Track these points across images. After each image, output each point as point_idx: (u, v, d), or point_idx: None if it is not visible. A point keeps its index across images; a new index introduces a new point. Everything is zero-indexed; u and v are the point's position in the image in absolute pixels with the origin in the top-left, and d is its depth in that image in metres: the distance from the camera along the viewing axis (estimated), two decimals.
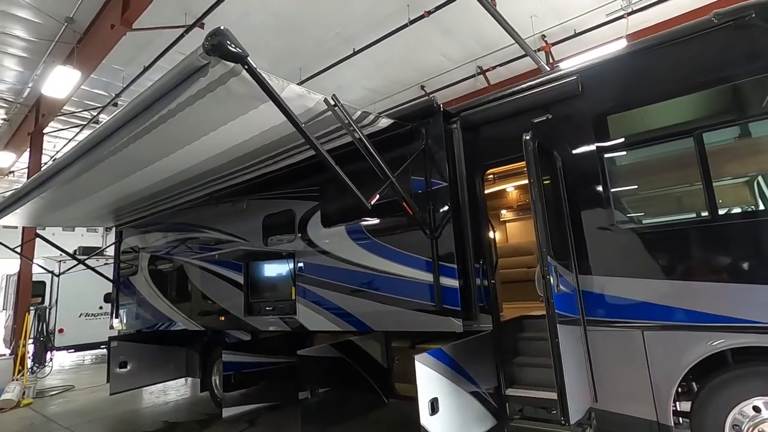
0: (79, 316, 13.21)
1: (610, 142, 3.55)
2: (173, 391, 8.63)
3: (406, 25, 8.23)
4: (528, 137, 3.25)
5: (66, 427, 6.68)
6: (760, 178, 3.21)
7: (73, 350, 13.50)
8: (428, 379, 3.10)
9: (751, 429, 2.88)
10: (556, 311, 2.99)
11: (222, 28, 2.40)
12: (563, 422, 2.89)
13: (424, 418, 2.98)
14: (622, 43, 7.57)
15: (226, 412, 5.23)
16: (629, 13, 8.01)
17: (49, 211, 6.22)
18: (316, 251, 5.02)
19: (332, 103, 3.34)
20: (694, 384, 3.29)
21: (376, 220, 4.51)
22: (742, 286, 2.94)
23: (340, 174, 3.32)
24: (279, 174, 5.35)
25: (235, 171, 5.08)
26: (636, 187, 3.76)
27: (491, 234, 4.32)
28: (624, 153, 3.64)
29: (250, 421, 5.94)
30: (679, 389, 3.16)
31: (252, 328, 5.84)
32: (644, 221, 3.63)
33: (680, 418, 3.33)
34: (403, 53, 9.56)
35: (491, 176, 6.84)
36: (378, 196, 3.61)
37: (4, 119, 12.21)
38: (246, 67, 2.55)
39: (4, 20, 7.95)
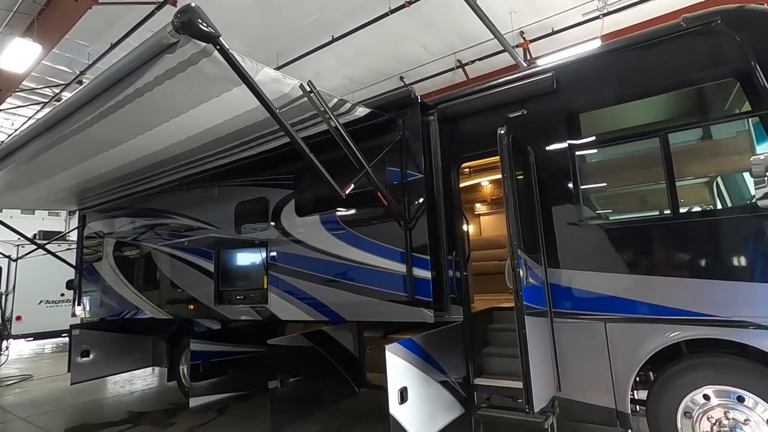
0: (39, 303, 12.64)
1: (581, 140, 3.63)
2: (139, 381, 8.41)
3: (386, 14, 8.15)
4: (503, 132, 3.29)
5: (23, 417, 6.41)
6: (719, 179, 3.37)
7: (32, 338, 12.92)
8: (398, 369, 3.13)
9: (701, 416, 3.05)
10: (524, 303, 3.06)
11: (193, 5, 2.31)
12: (527, 410, 2.98)
13: (394, 407, 3.01)
14: (597, 43, 7.75)
15: (194, 402, 5.13)
16: (605, 14, 8.20)
17: (6, 191, 5.89)
18: (289, 240, 4.96)
19: (308, 89, 3.27)
20: (651, 374, 3.45)
21: (350, 211, 4.49)
22: (698, 281, 3.08)
23: (314, 162, 3.27)
24: (252, 161, 5.22)
25: (206, 156, 4.94)
26: (604, 184, 3.88)
27: (465, 227, 4.37)
28: (594, 151, 3.74)
29: (219, 410, 5.86)
30: (637, 378, 3.32)
31: (222, 317, 5.73)
32: (610, 218, 3.76)
33: (637, 406, 3.49)
34: (382, 43, 9.48)
35: (467, 170, 6.90)
36: (353, 185, 3.58)
37: None
38: (218, 47, 2.46)
39: None
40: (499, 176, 3.20)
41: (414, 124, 4.18)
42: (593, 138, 3.62)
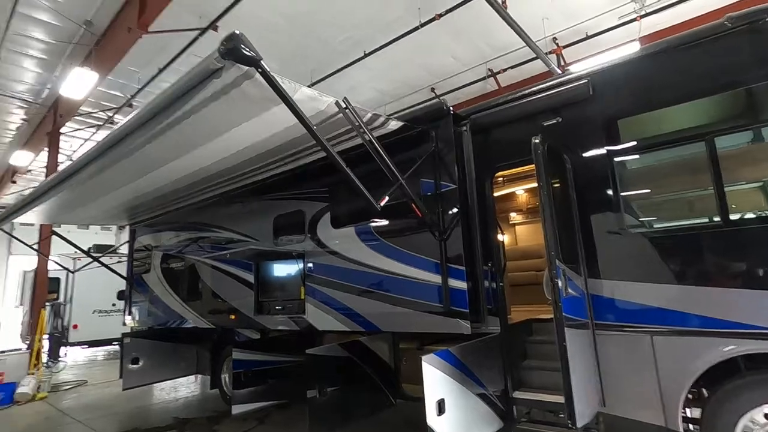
0: (93, 313, 13.46)
1: (620, 146, 3.54)
2: (183, 388, 8.76)
3: (416, 28, 8.27)
4: (537, 140, 3.26)
5: (80, 420, 6.83)
6: None
7: (86, 346, 13.75)
8: (435, 380, 3.13)
9: None
10: (564, 315, 2.99)
11: (237, 32, 2.46)
12: (570, 425, 2.89)
13: (431, 418, 3.00)
14: (635, 46, 7.52)
15: (236, 409, 5.30)
16: (642, 16, 7.95)
17: (66, 209, 6.37)
18: (325, 252, 5.07)
19: (343, 105, 3.38)
20: (704, 390, 3.26)
21: (385, 222, 4.55)
22: (755, 292, 2.91)
23: (349, 176, 3.36)
24: (290, 175, 5.41)
25: (247, 171, 5.16)
26: (646, 191, 3.75)
27: (500, 236, 4.32)
28: (634, 157, 3.63)
29: (260, 418, 6.01)
30: (689, 395, 3.14)
31: (262, 327, 5.91)
32: (655, 225, 3.62)
33: (690, 425, 3.30)
34: (413, 55, 9.59)
35: (501, 179, 6.84)
36: (387, 197, 3.65)
37: (23, 119, 12.51)
38: (259, 70, 2.61)
39: (26, 23, 8.17)
40: (535, 185, 3.18)
41: (447, 135, 4.21)
42: (633, 144, 3.52)
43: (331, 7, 7.95)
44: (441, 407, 3.06)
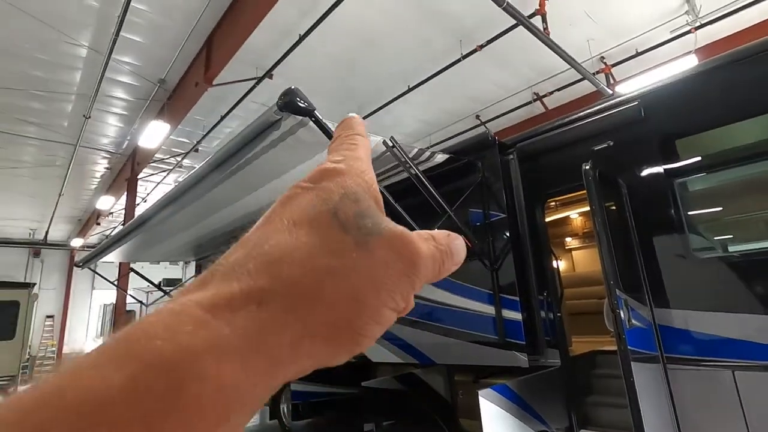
0: None
1: (680, 166, 3.39)
2: None
3: (459, 60, 8.46)
4: (588, 167, 3.21)
5: None
6: None
7: None
8: (493, 415, 3.05)
9: None
10: (629, 348, 2.84)
11: (293, 88, 2.71)
12: None
13: None
14: (691, 59, 7.19)
15: None
16: (696, 28, 7.61)
17: (142, 248, 7.02)
18: None
19: (390, 144, 3.54)
20: None
21: None
22: None
23: (398, 209, 3.47)
24: None
25: None
26: (715, 212, 3.53)
27: (555, 264, 4.21)
28: (698, 177, 3.45)
29: None
30: None
31: None
32: (728, 249, 3.37)
33: None
34: (456, 85, 9.77)
35: (554, 203, 6.67)
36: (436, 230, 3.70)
37: (106, 168, 14.05)
38: (313, 119, 2.83)
39: (110, 86, 9.34)
40: (587, 209, 3.10)
41: (493, 164, 4.24)
42: (695, 163, 3.35)
43: (374, 46, 8.38)
44: None
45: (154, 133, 9.49)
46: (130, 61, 8.56)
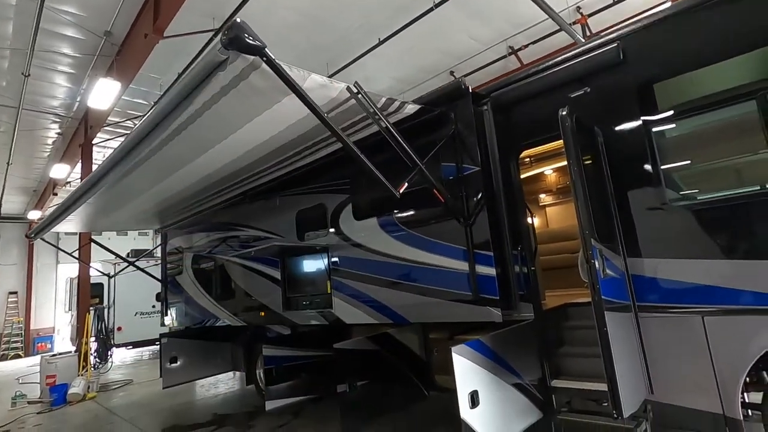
0: (135, 315, 14.04)
1: (657, 113, 3.25)
2: (222, 385, 8.98)
3: (431, 9, 8.00)
4: (564, 113, 3.04)
5: (127, 419, 7.10)
6: None
7: (131, 347, 14.38)
8: (467, 371, 2.99)
9: None
10: (603, 297, 2.79)
11: (238, 20, 2.37)
12: (615, 415, 2.70)
13: (464, 411, 2.87)
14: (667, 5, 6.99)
15: (269, 405, 5.35)
16: None
17: (98, 216, 6.57)
18: (349, 244, 4.99)
19: (355, 90, 3.26)
20: (764, 374, 2.98)
21: (408, 211, 4.42)
22: None
23: (366, 164, 3.24)
24: (309, 169, 5.34)
25: (266, 168, 5.13)
26: (689, 161, 3.44)
27: (529, 219, 4.11)
28: (674, 124, 3.33)
29: (294, 413, 6.06)
30: (748, 379, 2.88)
31: (291, 323, 5.92)
32: (700, 197, 3.31)
33: (749, 411, 3.04)
34: (429, 38, 9.32)
35: (528, 159, 6.56)
36: (406, 184, 3.51)
37: (58, 133, 13.06)
38: (265, 59, 2.51)
39: (52, 39, 8.44)
40: (564, 163, 2.98)
41: (466, 116, 4.02)
42: (672, 110, 3.22)
43: None
44: (474, 399, 2.93)
45: (104, 93, 8.74)
46: (69, 10, 7.70)
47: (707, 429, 2.97)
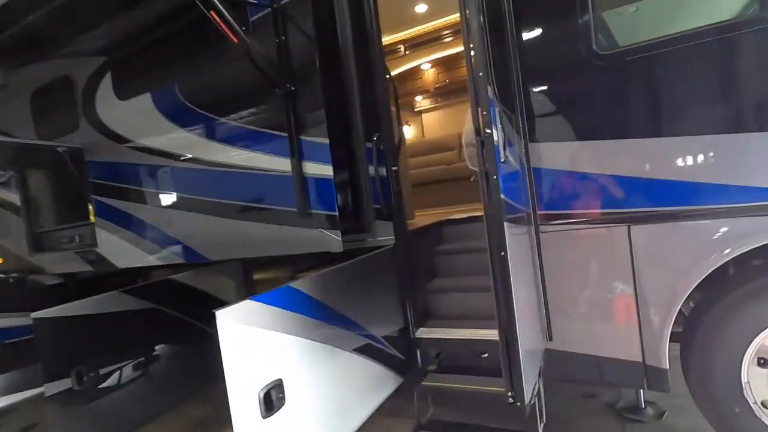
0: None
1: None
2: None
3: None
4: None
5: None
6: None
7: None
8: (255, 353, 1.54)
9: None
10: (503, 198, 1.52)
11: None
12: (513, 400, 1.56)
13: (250, 424, 1.46)
14: None
15: None
16: None
17: None
18: (112, 141, 3.03)
19: None
20: (690, 303, 2.15)
21: (197, 77, 2.62)
22: None
23: None
24: (47, 19, 3.04)
25: None
26: None
27: (391, 87, 2.69)
28: None
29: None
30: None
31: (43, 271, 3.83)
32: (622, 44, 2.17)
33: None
34: None
35: (401, 47, 5.11)
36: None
37: None
38: None
39: None
40: (443, 53, 1.59)
41: None
42: None
43: None
44: (270, 401, 1.52)
45: None
46: None
47: (619, 382, 2.11)
